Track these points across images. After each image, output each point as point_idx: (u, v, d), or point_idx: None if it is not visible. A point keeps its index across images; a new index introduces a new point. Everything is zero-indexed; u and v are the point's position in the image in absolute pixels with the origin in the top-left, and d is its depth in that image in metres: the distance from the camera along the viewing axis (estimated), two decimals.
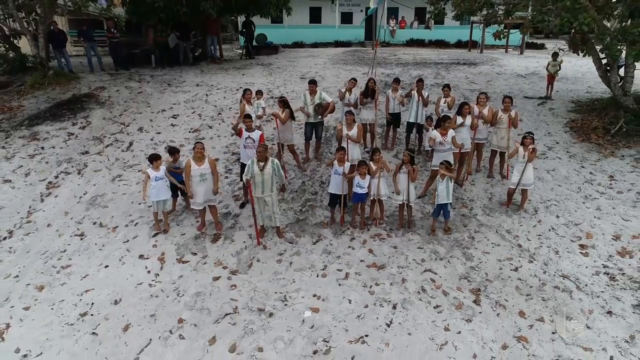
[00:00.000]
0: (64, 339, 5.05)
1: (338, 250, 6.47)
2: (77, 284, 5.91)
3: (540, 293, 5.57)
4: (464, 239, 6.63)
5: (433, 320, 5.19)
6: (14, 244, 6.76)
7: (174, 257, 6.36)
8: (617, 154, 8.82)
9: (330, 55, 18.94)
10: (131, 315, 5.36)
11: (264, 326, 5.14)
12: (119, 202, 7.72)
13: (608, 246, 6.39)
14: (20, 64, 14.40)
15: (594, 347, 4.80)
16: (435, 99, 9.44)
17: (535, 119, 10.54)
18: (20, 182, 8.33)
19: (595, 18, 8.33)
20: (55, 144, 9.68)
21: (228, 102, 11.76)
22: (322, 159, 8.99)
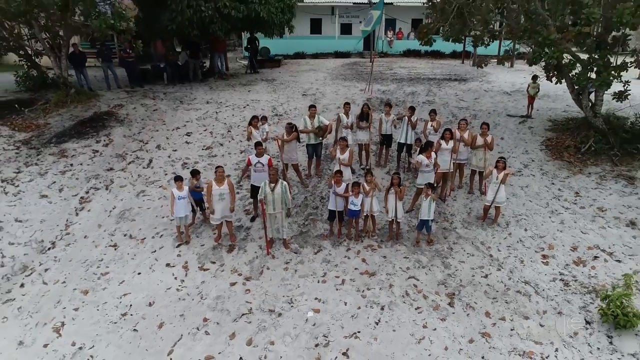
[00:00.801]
0: (110, 334, 6.16)
1: (336, 259, 7.57)
2: (116, 288, 7.02)
3: (504, 297, 6.68)
4: (443, 250, 7.74)
5: (414, 319, 6.29)
6: (57, 253, 7.87)
7: (196, 265, 7.47)
8: (584, 172, 9.92)
9: (330, 69, 20.04)
10: (164, 315, 6.46)
11: (274, 324, 6.24)
12: (144, 216, 8.83)
13: (566, 256, 7.49)
14: (41, 81, 15.51)
15: (543, 342, 5.90)
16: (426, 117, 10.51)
17: (515, 137, 11.64)
18: (56, 197, 9.43)
19: (562, 52, 9.43)
20: (83, 160, 10.79)
21: (236, 120, 12.86)
22: (322, 175, 10.09)
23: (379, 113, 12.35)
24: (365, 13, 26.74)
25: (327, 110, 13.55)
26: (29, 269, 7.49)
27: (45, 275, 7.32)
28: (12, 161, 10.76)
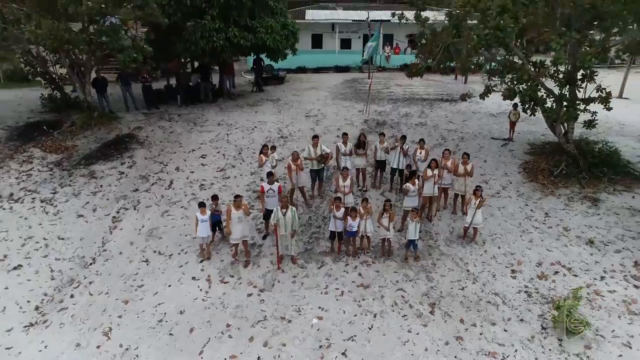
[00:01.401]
0: (150, 338, 7.48)
1: (336, 274, 8.90)
2: (151, 299, 8.35)
3: (477, 306, 8.00)
4: (428, 265, 9.07)
5: (401, 325, 7.62)
6: (98, 268, 9.19)
7: (217, 279, 8.79)
8: (555, 193, 11.26)
9: (331, 87, 21.39)
10: (193, 321, 7.79)
11: (285, 329, 7.57)
12: (170, 234, 10.16)
13: (531, 271, 8.82)
14: (64, 102, 16.84)
15: (506, 344, 7.23)
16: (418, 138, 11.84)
17: (497, 159, 12.98)
18: (91, 216, 10.77)
19: (536, 90, 10.78)
20: (110, 182, 12.13)
21: (246, 142, 14.20)
22: (324, 197, 11.42)
23: (375, 135, 13.78)
24: (364, 29, 28.33)
25: (328, 132, 14.90)
26: (75, 282, 8.82)
27: (90, 287, 8.65)
28: (47, 182, 12.12)
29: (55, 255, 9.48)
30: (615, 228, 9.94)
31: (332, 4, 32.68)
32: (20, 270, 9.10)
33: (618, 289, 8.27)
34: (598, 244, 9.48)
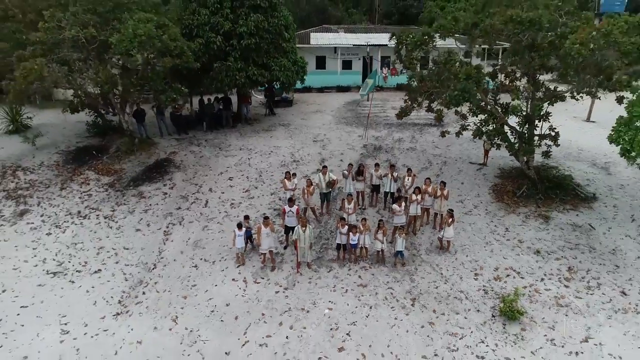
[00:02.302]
0: (207, 323, 10.27)
1: (341, 276, 11.69)
2: (203, 295, 11.14)
3: (446, 300, 10.80)
4: (411, 270, 11.86)
5: (389, 314, 10.41)
6: (159, 271, 11.99)
7: (251, 280, 11.58)
8: (516, 212, 14.07)
9: (334, 110, 24.20)
10: (237, 311, 10.57)
11: (305, 317, 10.35)
12: (211, 245, 12.96)
13: (489, 274, 11.63)
14: (106, 128, 19.64)
15: (465, 327, 10.02)
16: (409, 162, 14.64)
17: (472, 182, 15.79)
18: (147, 230, 13.57)
19: (499, 131, 13.58)
20: (157, 201, 14.94)
21: (264, 166, 17.01)
22: (331, 214, 14.21)
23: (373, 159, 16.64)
24: (363, 51, 31.13)
25: (332, 156, 17.72)
26: (144, 282, 11.62)
27: (156, 286, 11.45)
28: (106, 201, 14.96)
29: (124, 262, 12.30)
30: (558, 241, 12.76)
31: (334, 27, 35.51)
32: (100, 273, 11.92)
33: (552, 288, 11.09)
34: (543, 253, 12.30)
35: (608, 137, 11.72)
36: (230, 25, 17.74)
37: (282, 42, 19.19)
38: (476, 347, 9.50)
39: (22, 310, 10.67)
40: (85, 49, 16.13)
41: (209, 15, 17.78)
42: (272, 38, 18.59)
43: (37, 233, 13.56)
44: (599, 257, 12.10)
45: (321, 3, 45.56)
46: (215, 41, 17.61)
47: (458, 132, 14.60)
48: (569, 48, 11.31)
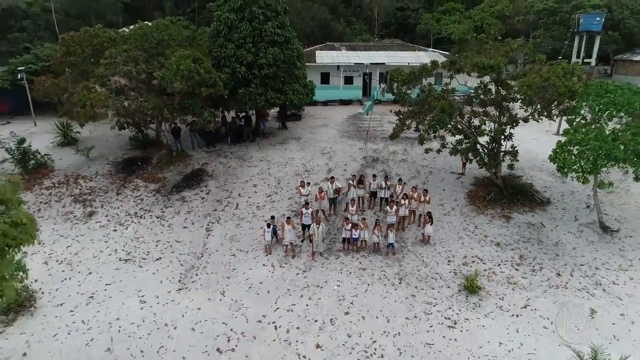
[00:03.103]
0: (247, 297, 13.84)
1: (346, 262, 15.26)
2: (242, 276, 14.71)
3: (425, 280, 14.38)
4: (400, 258, 15.44)
5: (382, 289, 13.99)
6: (206, 259, 15.56)
7: (278, 265, 15.16)
8: (484, 213, 17.65)
9: (338, 124, 27.80)
10: (268, 287, 14.15)
11: (319, 291, 13.93)
12: (244, 239, 16.54)
13: (459, 261, 15.20)
14: (146, 141, 23.25)
15: (438, 298, 13.60)
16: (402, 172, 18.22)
17: (451, 189, 19.37)
18: (192, 227, 17.16)
19: (470, 149, 17.17)
20: (197, 204, 18.53)
21: (282, 175, 20.58)
22: (337, 215, 17.78)
23: (371, 169, 20.24)
24: (363, 69, 34.72)
25: (337, 166, 21.29)
26: (195, 267, 15.20)
27: (205, 270, 15.04)
28: (155, 204, 18.55)
29: (178, 252, 15.90)
30: (515, 236, 16.35)
31: (337, 44, 39.10)
32: (160, 260, 15.51)
33: (505, 271, 14.68)
34: (502, 245, 15.89)
35: (549, 157, 15.30)
36: (252, 57, 21.33)
37: (295, 70, 22.79)
38: (445, 311, 13.09)
39: (107, 286, 14.28)
40: (135, 79, 19.76)
41: (235, 48, 21.36)
42: (287, 67, 22.18)
43: (105, 230, 17.18)
44: (545, 248, 15.69)
45: (324, 19, 49.05)
46: (240, 71, 21.19)
47: (438, 149, 18.17)
48: (519, 88, 14.90)
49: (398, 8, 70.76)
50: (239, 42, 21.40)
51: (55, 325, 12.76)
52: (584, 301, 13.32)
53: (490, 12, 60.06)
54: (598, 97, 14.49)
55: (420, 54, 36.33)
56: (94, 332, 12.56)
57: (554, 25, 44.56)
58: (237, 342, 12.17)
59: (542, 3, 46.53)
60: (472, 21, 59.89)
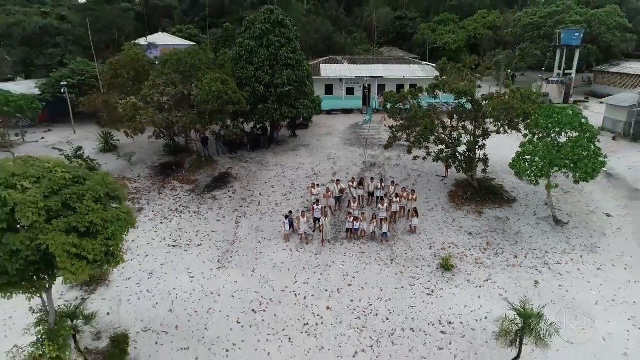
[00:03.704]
0: (272, 272, 17.81)
1: (349, 247, 19.25)
2: (267, 258, 18.69)
3: (411, 261, 18.37)
4: (392, 244, 19.42)
5: (377, 268, 17.97)
6: (237, 245, 19.55)
7: (295, 250, 19.15)
8: (462, 209, 21.63)
9: (341, 132, 31.78)
10: (288, 266, 18.13)
11: (328, 270, 17.93)
12: (266, 230, 20.53)
13: (439, 246, 19.19)
14: (177, 148, 27.25)
15: (420, 274, 17.58)
16: (395, 175, 22.20)
17: (436, 189, 23.36)
18: (223, 220, 21.16)
19: (450, 156, 21.16)
20: (226, 202, 22.53)
21: (295, 177, 24.56)
22: (342, 211, 21.76)
23: (370, 172, 24.22)
24: (363, 81, 38.68)
25: (341, 170, 25.27)
26: (229, 252, 19.19)
27: (238, 253, 19.03)
28: (192, 202, 22.55)
29: (215, 240, 19.90)
30: (484, 227, 20.33)
31: (339, 58, 43.04)
32: (201, 246, 19.51)
33: (475, 254, 18.66)
34: (474, 234, 19.87)
35: (509, 164, 19.26)
36: (269, 78, 25.33)
37: (305, 88, 26.78)
38: (425, 283, 17.08)
39: (162, 266, 18.27)
40: (174, 98, 23.76)
41: (254, 70, 25.36)
42: (298, 86, 26.17)
43: (153, 222, 21.17)
44: (507, 237, 19.67)
45: (327, 31, 53.01)
46: (259, 89, 25.19)
47: (424, 157, 22.15)
48: (485, 109, 18.88)
49: (396, 17, 74.84)
50: (258, 65, 25.40)
51: (126, 293, 16.77)
52: (533, 276, 17.31)
53: (482, 22, 64.16)
54: (547, 117, 18.44)
55: (414, 67, 40.29)
56: (157, 298, 16.57)
57: (538, 38, 48.47)
58: (267, 305, 16.16)
59: (528, 17, 50.45)
60: (465, 31, 64.05)
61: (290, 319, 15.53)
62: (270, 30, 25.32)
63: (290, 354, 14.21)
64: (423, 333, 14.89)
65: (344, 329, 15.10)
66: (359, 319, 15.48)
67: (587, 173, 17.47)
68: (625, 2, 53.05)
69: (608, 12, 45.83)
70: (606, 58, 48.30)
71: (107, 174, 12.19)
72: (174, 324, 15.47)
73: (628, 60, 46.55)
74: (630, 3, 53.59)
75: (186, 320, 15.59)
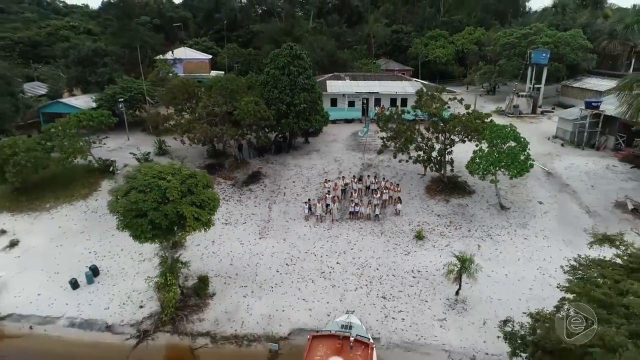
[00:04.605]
0: (297, 240, 25.58)
1: (351, 224, 26.98)
2: (293, 232, 26.44)
3: (396, 233, 26.11)
4: (383, 223, 27.13)
5: (371, 238, 25.72)
6: (271, 224, 27.29)
7: (313, 226, 26.90)
8: (435, 198, 29.39)
9: (344, 139, 39.54)
10: (310, 237, 25.89)
11: (337, 239, 25.68)
12: (291, 212, 28.28)
13: (415, 224, 26.91)
14: (216, 152, 35.00)
15: (401, 242, 25.34)
16: (386, 173, 29.98)
17: (416, 184, 31.11)
18: (259, 206, 28.94)
19: (428, 160, 28.95)
20: (259, 193, 30.32)
21: (310, 175, 32.31)
22: (346, 198, 29.50)
23: (367, 170, 32.05)
24: (362, 95, 46.36)
25: (345, 169, 33.01)
26: (266, 228, 26.96)
27: (272, 228, 26.80)
28: (234, 193, 30.36)
29: (255, 219, 27.68)
30: (450, 211, 28.06)
31: (342, 74, 50.74)
32: (246, 224, 27.29)
33: (440, 229, 26.42)
34: (441, 216, 27.62)
35: (465, 166, 26.94)
36: (290, 99, 33.05)
37: (317, 106, 34.52)
38: (404, 248, 24.83)
39: (219, 237, 26.04)
40: (218, 115, 31.52)
41: (278, 93, 33.08)
42: (312, 104, 33.89)
43: None
44: (465, 218, 27.40)
45: (331, 49, 60.62)
46: (282, 108, 32.90)
47: (407, 160, 29.87)
48: (450, 125, 26.64)
49: (393, 31, 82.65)
50: (281, 89, 33.11)
51: (198, 254, 24.51)
52: (479, 242, 25.05)
53: (469, 38, 71.87)
54: (492, 132, 26.14)
55: (405, 84, 47.95)
56: (220, 257, 24.36)
57: (514, 56, 56.12)
58: (295, 261, 23.92)
59: (506, 37, 58.09)
60: (454, 46, 71.82)
61: (312, 269, 23.30)
62: (290, 62, 33.03)
63: (312, 289, 21.97)
64: (400, 277, 22.65)
65: (348, 275, 22.86)
66: (358, 269, 23.24)
67: (517, 172, 25.19)
68: (590, 25, 60.66)
69: (572, 35, 53.45)
70: (572, 74, 55.95)
71: (205, 173, 19.98)
72: (234, 272, 23.27)
73: (589, 76, 54.16)
74: (596, 25, 61.16)
75: (242, 270, 23.39)
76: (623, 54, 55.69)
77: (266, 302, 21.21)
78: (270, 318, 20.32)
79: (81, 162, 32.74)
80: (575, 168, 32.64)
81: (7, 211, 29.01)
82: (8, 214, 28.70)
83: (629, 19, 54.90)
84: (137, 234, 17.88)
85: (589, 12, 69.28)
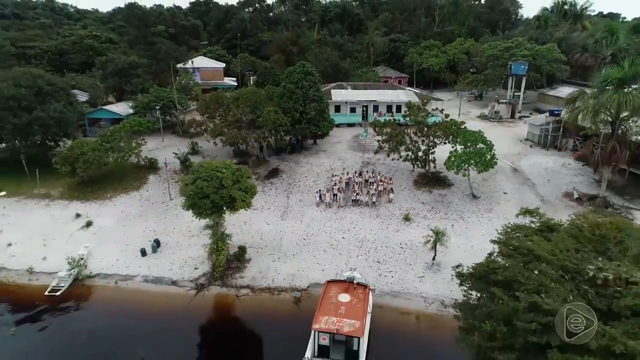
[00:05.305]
0: (311, 222, 32.69)
1: (354, 210, 34.04)
2: (307, 215, 33.52)
3: (388, 216, 33.19)
4: (378, 208, 34.19)
5: (369, 220, 32.80)
6: (290, 210, 34.39)
7: (323, 211, 33.98)
8: (421, 190, 36.48)
9: (347, 141, 46.62)
10: (321, 219, 32.99)
11: (342, 221, 32.77)
12: (305, 200, 35.37)
13: (405, 209, 33.98)
14: (240, 152, 42.08)
15: (391, 223, 32.43)
16: (383, 170, 37.09)
17: (406, 178, 38.18)
18: (280, 196, 36.06)
19: (415, 158, 36.05)
20: (279, 186, 37.45)
21: (319, 171, 39.40)
22: (350, 189, 36.57)
23: (366, 166, 39.24)
24: (362, 103, 53.42)
25: (348, 166, 40.08)
26: (286, 212, 34.07)
27: (291, 213, 33.92)
28: (258, 186, 37.39)
29: (276, 206, 34.82)
30: (432, 199, 35.14)
31: (345, 84, 57.81)
32: (269, 210, 34.45)
33: (424, 213, 33.52)
34: (426, 203, 34.70)
35: (444, 163, 33.98)
36: (302, 108, 40.11)
37: (324, 114, 41.60)
38: (395, 227, 31.93)
39: (249, 218, 33.11)
40: (244, 122, 38.63)
41: (293, 103, 40.15)
42: (320, 113, 40.96)
43: None
44: (444, 205, 34.45)
45: (335, 60, 67.63)
46: (296, 116, 39.98)
47: (398, 158, 36.91)
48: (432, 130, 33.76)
49: (391, 39, 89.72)
50: (295, 99, 40.18)
51: (235, 231, 31.59)
52: (453, 223, 32.11)
53: (460, 48, 78.92)
54: (463, 136, 33.16)
55: (399, 92, 55.03)
56: (252, 233, 31.49)
57: (497, 66, 63.16)
58: (310, 236, 31.03)
59: (491, 50, 65.14)
60: (446, 55, 78.87)
61: (323, 242, 30.42)
62: (303, 78, 40.09)
63: (324, 256, 29.09)
64: (391, 248, 29.76)
65: (351, 246, 29.98)
66: (359, 242, 30.36)
67: (483, 167, 32.29)
68: (566, 39, 67.68)
69: (548, 48, 60.53)
70: (549, 82, 63.03)
71: (246, 167, 27.11)
72: (264, 244, 30.40)
73: (563, 85, 61.20)
74: (571, 39, 68.16)
75: (270, 242, 30.52)
76: (594, 65, 62.67)
77: (290, 265, 28.29)
78: (293, 276, 27.40)
79: (129, 160, 39.84)
80: (538, 165, 39.76)
81: (77, 199, 36.13)
82: (78, 202, 35.81)
83: (599, 35, 61.89)
84: (200, 211, 24.95)
85: (568, 26, 76.27)
